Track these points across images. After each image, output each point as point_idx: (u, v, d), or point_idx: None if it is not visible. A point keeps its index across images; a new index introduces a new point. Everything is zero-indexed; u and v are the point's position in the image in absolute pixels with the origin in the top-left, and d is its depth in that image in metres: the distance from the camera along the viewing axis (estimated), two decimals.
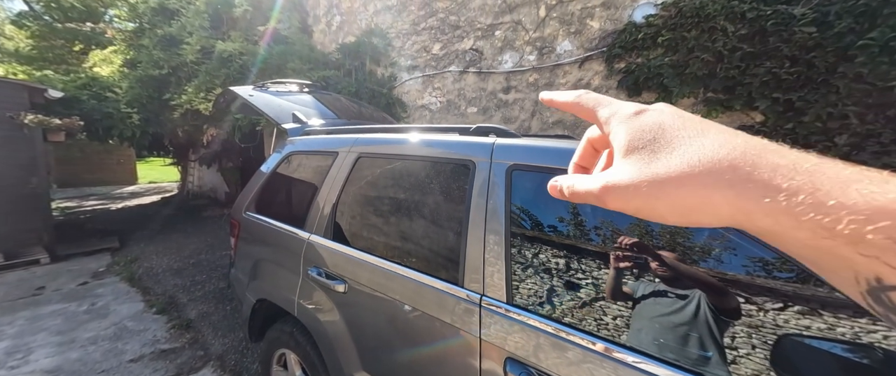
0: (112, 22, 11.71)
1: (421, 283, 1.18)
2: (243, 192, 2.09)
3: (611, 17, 3.36)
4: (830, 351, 0.70)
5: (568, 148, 1.06)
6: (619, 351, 0.80)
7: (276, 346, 1.79)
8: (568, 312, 0.92)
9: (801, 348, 0.70)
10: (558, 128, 3.76)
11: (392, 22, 5.10)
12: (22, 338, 2.84)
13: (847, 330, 0.67)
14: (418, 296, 1.18)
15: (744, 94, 2.65)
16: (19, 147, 4.64)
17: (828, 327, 0.69)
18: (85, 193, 11.35)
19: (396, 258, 1.29)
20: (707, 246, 0.81)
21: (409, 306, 1.20)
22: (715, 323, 0.74)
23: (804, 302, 0.70)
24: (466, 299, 1.06)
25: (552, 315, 0.93)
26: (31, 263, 4.57)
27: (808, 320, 0.69)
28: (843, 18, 2.29)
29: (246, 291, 1.93)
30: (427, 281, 1.17)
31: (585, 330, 0.86)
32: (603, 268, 0.90)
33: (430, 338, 1.14)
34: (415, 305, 1.18)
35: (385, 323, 1.28)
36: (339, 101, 3.11)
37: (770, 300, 0.72)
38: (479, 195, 1.11)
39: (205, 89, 5.38)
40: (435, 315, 1.12)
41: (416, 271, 1.21)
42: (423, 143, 1.36)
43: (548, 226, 1.03)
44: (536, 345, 0.91)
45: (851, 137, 2.29)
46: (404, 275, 1.22)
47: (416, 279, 1.19)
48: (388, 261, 1.29)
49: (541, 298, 0.96)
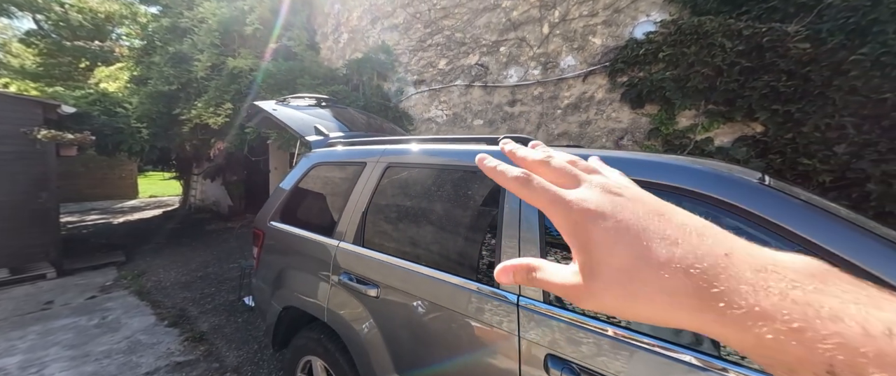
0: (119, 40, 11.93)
1: (454, 285, 1.23)
2: (267, 202, 2.15)
3: (612, 34, 3.52)
4: None
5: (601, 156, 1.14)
6: (645, 340, 0.86)
7: (302, 353, 1.82)
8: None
9: None
10: (563, 139, 3.87)
11: (398, 39, 5.28)
12: (35, 353, 2.82)
13: None
14: (451, 298, 1.23)
15: (744, 105, 2.77)
16: (31, 162, 4.69)
17: None
18: (86, 208, 11.31)
19: (428, 262, 1.35)
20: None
21: (443, 308, 1.25)
22: None
23: None
24: (504, 300, 1.11)
25: (588, 311, 0.98)
26: (38, 278, 4.55)
27: None
28: (835, 35, 2.43)
29: (271, 300, 1.96)
30: (460, 282, 1.22)
31: (617, 323, 0.92)
32: None
33: (468, 339, 1.19)
34: (449, 307, 1.23)
35: (418, 326, 1.32)
36: (351, 115, 3.21)
37: None
38: (512, 200, 1.18)
39: (214, 104, 5.49)
40: (470, 316, 1.17)
41: (448, 273, 1.26)
42: (453, 153, 1.44)
43: None
44: (576, 340, 0.97)
45: (850, 146, 2.40)
46: (436, 277, 1.28)
47: (450, 281, 1.24)
48: (420, 265, 1.34)
49: None
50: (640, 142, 3.38)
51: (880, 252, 0.69)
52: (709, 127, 3.00)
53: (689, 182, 0.88)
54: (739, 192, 0.83)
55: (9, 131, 4.51)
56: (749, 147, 2.81)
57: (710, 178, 0.87)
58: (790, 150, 2.60)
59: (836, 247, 0.71)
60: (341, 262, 1.60)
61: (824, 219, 0.75)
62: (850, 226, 0.74)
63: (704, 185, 0.86)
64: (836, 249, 0.71)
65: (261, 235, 2.12)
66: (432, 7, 4.91)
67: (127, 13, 10.40)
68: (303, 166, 2.06)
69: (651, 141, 3.31)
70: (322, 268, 1.67)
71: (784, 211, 0.77)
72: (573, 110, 3.84)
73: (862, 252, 0.70)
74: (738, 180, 0.86)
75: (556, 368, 0.97)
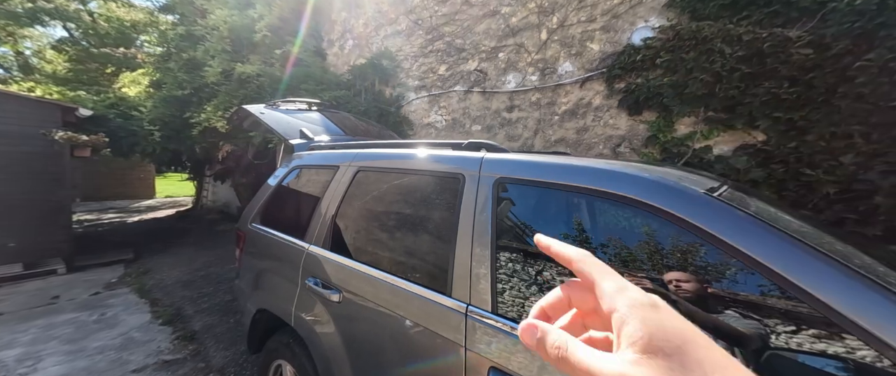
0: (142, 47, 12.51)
1: (410, 292, 1.20)
2: (250, 204, 2.18)
3: (610, 40, 3.46)
4: (813, 366, 0.70)
5: (552, 163, 1.10)
6: None
7: (273, 357, 1.82)
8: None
9: (787, 363, 0.70)
10: (560, 145, 3.81)
11: (401, 45, 5.33)
12: (34, 346, 2.92)
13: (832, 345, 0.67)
14: (408, 305, 1.20)
15: (744, 113, 2.66)
16: (48, 162, 4.92)
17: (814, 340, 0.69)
18: (105, 206, 11.79)
19: (388, 268, 1.33)
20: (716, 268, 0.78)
21: (399, 315, 1.22)
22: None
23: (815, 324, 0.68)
24: (453, 308, 1.08)
25: None
26: (49, 273, 4.74)
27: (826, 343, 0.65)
28: (840, 40, 2.32)
29: (248, 302, 1.98)
30: (416, 290, 1.19)
31: None
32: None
33: (420, 347, 1.15)
34: (404, 314, 1.21)
35: (376, 333, 1.30)
36: (347, 120, 3.24)
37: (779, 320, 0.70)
38: (467, 207, 1.15)
39: (223, 108, 5.66)
40: (423, 324, 1.14)
41: (405, 281, 1.24)
42: (418, 158, 1.42)
43: (532, 237, 1.05)
44: (518, 354, 0.92)
45: (857, 156, 2.27)
46: (394, 284, 1.26)
47: (406, 288, 1.22)
48: (380, 271, 1.32)
49: (524, 307, 0.98)
50: (638, 150, 3.29)
51: (821, 270, 0.63)
52: (708, 135, 2.90)
53: (634, 191, 0.84)
54: (682, 203, 0.78)
55: (29, 133, 4.75)
56: (750, 156, 2.69)
57: (654, 188, 0.82)
58: (793, 160, 2.48)
59: (774, 263, 0.65)
60: (309, 266, 1.60)
61: (767, 234, 0.70)
62: (794, 242, 0.68)
63: (648, 195, 0.81)
64: (775, 265, 0.65)
65: (242, 237, 2.14)
66: (434, 14, 4.95)
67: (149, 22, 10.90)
68: (284, 169, 2.08)
69: (649, 148, 3.21)
70: (292, 272, 1.67)
71: (726, 224, 0.72)
72: (570, 116, 3.77)
73: (802, 269, 0.64)
74: (681, 191, 0.81)
75: None
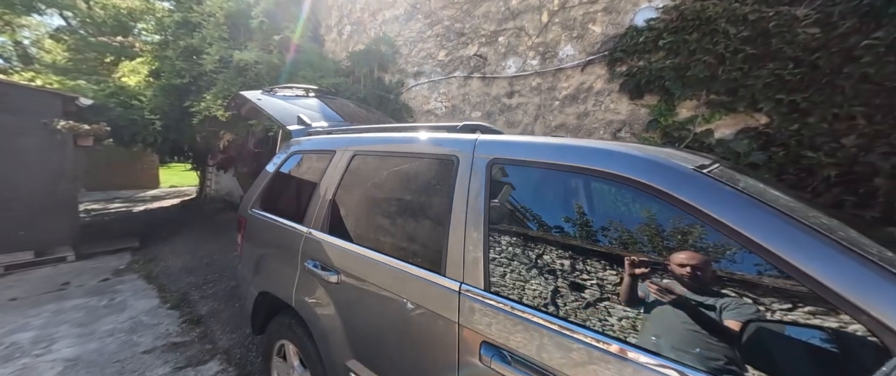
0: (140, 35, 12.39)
1: (406, 272, 1.23)
2: (249, 190, 2.20)
3: (612, 22, 3.39)
4: (797, 338, 0.71)
5: (545, 143, 1.10)
6: (578, 332, 0.83)
7: (276, 338, 1.87)
8: (539, 298, 0.95)
9: (770, 335, 0.72)
10: (561, 130, 3.78)
11: (399, 30, 5.25)
12: (46, 329, 3.01)
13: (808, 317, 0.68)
14: (404, 285, 1.23)
15: (747, 95, 2.62)
16: (51, 152, 4.96)
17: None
18: (111, 196, 11.91)
19: (385, 249, 1.35)
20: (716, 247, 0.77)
21: (396, 294, 1.25)
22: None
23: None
24: (448, 287, 1.10)
25: (524, 300, 0.96)
26: (59, 260, 4.84)
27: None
28: (847, 18, 2.26)
29: (250, 286, 2.02)
30: (411, 270, 1.22)
31: (553, 314, 0.90)
32: (573, 257, 0.93)
33: (416, 324, 1.18)
34: (401, 293, 1.23)
35: (373, 312, 1.33)
36: (346, 106, 3.22)
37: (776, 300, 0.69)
38: (461, 188, 1.16)
39: (222, 96, 5.63)
40: (418, 302, 1.17)
41: (402, 261, 1.26)
42: (413, 141, 1.43)
43: (524, 217, 1.06)
44: (508, 329, 0.95)
45: (859, 138, 2.24)
46: (391, 264, 1.28)
47: (402, 269, 1.24)
48: (376, 252, 1.34)
49: (516, 285, 1.00)
50: (639, 134, 3.26)
51: (808, 243, 0.64)
52: (710, 118, 2.86)
53: (624, 169, 0.84)
54: (672, 180, 0.78)
55: (31, 122, 4.77)
56: (751, 139, 2.66)
57: (643, 165, 0.82)
58: (794, 143, 2.45)
59: (762, 238, 0.66)
60: (308, 249, 1.62)
61: (756, 209, 0.70)
62: (783, 217, 0.68)
63: (638, 172, 0.82)
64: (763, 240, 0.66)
65: (243, 222, 2.17)
66: None
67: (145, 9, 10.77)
68: (282, 155, 2.09)
69: (650, 133, 3.18)
70: (292, 255, 1.70)
71: (715, 199, 0.73)
72: (571, 101, 3.73)
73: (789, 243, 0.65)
74: (671, 167, 0.81)
75: (488, 355, 0.96)
